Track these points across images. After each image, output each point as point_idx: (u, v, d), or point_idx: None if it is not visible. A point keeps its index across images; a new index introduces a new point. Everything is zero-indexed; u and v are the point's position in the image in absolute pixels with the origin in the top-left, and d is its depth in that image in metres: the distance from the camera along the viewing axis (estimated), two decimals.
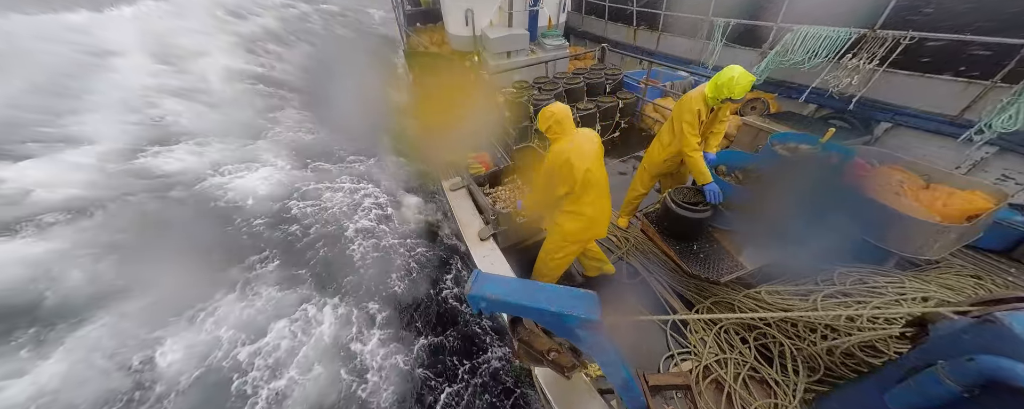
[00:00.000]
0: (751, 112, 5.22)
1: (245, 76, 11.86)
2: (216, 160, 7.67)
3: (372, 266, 5.53)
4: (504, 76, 5.61)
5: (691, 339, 2.83)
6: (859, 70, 4.34)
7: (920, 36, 3.94)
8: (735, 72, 2.82)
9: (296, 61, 14.21)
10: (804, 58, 4.78)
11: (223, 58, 12.61)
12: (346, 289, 5.11)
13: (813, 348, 2.48)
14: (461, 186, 4.09)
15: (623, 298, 3.36)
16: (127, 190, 6.52)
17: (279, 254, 5.59)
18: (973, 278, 2.84)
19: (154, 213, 6.16)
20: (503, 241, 3.48)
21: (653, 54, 7.26)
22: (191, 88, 10.54)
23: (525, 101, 5.00)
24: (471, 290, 1.52)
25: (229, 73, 11.73)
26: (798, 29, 4.83)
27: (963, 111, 3.86)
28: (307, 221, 6.25)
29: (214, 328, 4.45)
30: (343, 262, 5.53)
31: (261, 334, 4.42)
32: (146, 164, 7.36)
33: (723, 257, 3.17)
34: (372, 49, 15.49)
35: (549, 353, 1.65)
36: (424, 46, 7.63)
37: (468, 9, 6.39)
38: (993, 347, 1.15)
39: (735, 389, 2.45)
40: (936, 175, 2.98)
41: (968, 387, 1.19)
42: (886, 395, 1.49)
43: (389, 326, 4.65)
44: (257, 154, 8.07)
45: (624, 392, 1.72)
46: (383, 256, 5.67)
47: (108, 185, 6.59)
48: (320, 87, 12.18)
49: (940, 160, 4.03)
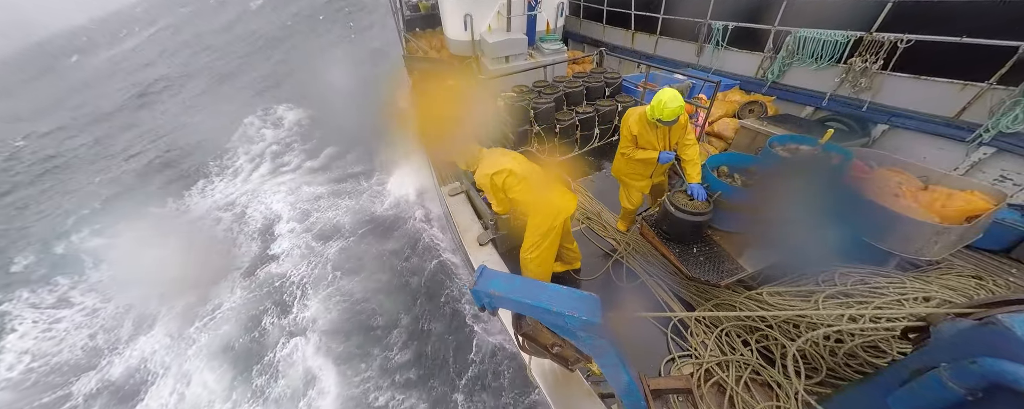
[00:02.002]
0: (749, 115, 5.23)
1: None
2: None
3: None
4: (503, 80, 5.62)
5: (692, 342, 2.82)
6: (862, 72, 4.36)
7: (917, 39, 3.96)
8: (665, 97, 2.88)
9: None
10: (809, 61, 4.82)
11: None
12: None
13: (815, 349, 2.47)
14: (460, 191, 4.09)
15: (623, 301, 3.34)
16: None
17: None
18: (974, 278, 2.83)
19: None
20: (501, 246, 3.48)
21: (651, 58, 7.28)
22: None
23: (524, 105, 5.01)
24: (476, 285, 1.52)
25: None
26: (796, 32, 4.86)
27: (960, 113, 3.87)
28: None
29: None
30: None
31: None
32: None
33: (724, 259, 3.17)
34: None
35: (553, 347, 1.67)
36: (423, 51, 7.66)
37: (467, 14, 6.42)
38: (996, 350, 1.14)
39: (737, 392, 2.44)
40: (934, 176, 2.99)
41: (971, 390, 1.18)
42: (889, 398, 1.47)
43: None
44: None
45: (625, 396, 1.71)
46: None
47: None
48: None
49: (938, 161, 4.04)
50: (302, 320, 5.83)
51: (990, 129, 3.63)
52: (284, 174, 10.32)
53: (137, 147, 14.01)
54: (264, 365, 5.35)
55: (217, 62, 22.11)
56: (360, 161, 10.08)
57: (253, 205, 9.10)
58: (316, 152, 11.08)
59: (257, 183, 10.08)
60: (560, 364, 1.75)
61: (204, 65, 22.20)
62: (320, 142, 11.47)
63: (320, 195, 8.92)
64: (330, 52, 19.12)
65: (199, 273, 7.02)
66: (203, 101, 17.20)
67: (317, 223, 7.95)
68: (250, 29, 26.17)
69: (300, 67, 17.93)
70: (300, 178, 9.99)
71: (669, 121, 2.94)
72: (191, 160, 12.06)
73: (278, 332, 5.75)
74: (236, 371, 5.35)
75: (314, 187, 9.31)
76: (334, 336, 5.46)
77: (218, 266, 7.19)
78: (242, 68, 20.19)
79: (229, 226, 8.56)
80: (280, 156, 11.36)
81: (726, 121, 5.15)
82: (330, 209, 8.39)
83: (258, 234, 8.09)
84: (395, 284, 6.11)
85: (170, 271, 7.00)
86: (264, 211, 8.77)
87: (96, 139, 15.76)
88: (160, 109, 17.48)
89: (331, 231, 7.66)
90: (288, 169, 10.61)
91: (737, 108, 5.34)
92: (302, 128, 12.78)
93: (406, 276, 6.18)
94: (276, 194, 9.25)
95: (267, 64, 19.79)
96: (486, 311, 1.62)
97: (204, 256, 7.71)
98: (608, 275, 3.58)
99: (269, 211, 8.71)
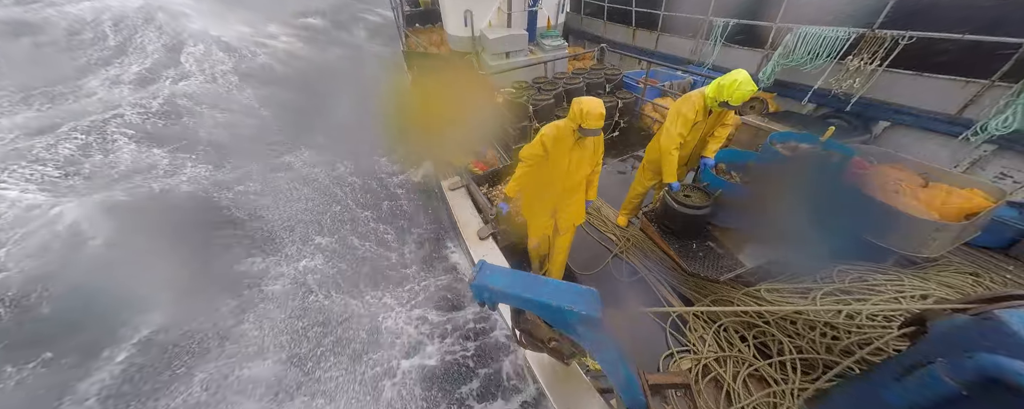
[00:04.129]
0: (750, 111, 5.22)
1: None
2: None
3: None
4: (503, 76, 5.60)
5: (690, 337, 2.83)
6: (861, 71, 4.35)
7: (918, 36, 3.95)
8: (740, 77, 2.68)
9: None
10: (807, 59, 4.80)
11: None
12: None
13: (812, 345, 2.48)
14: (460, 186, 4.09)
15: (623, 297, 3.36)
16: None
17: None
18: (972, 275, 2.84)
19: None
20: (502, 240, 3.48)
21: (652, 54, 7.26)
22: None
23: (524, 101, 5.00)
24: (475, 280, 1.53)
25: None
26: (797, 29, 4.84)
27: (961, 110, 3.87)
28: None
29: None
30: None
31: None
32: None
33: (723, 255, 3.18)
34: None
35: (549, 342, 1.69)
36: (423, 47, 7.63)
37: (467, 10, 6.39)
38: (992, 345, 1.15)
39: (734, 388, 2.45)
40: (934, 173, 2.99)
41: (967, 385, 1.19)
42: (885, 393, 1.48)
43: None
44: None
45: (623, 391, 1.72)
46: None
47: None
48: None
49: (938, 158, 4.04)
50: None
51: (979, 132, 3.63)
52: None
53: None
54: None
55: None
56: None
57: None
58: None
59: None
60: (557, 358, 1.78)
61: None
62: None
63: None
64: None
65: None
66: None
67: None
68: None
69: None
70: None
71: (737, 105, 2.76)
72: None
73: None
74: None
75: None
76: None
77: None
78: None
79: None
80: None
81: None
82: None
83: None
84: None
85: None
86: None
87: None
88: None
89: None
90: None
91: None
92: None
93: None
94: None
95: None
96: (486, 306, 1.63)
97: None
98: (607, 270, 3.59)
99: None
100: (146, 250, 4.98)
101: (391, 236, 5.55)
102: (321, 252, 5.18)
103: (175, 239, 5.26)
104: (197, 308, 4.36)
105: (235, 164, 6.94)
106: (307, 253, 5.15)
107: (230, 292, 4.57)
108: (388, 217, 5.92)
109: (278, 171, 6.89)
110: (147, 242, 5.13)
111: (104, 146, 7.02)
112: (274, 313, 4.36)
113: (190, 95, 8.98)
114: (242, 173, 6.69)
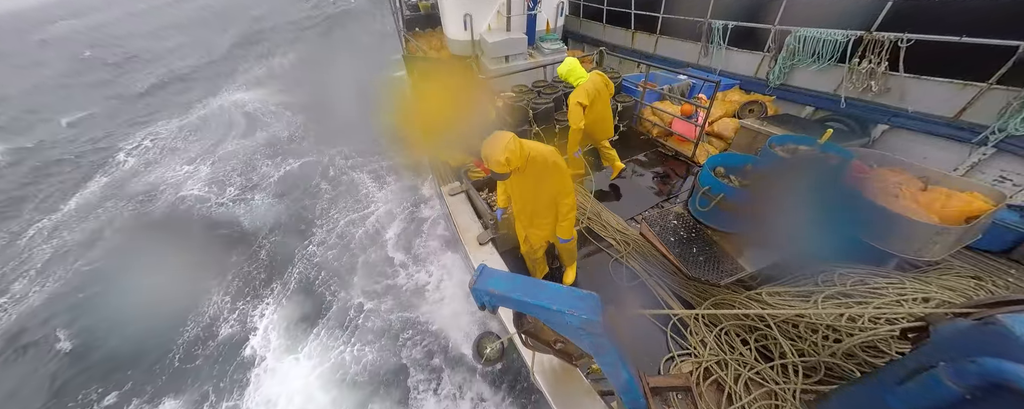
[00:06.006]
0: (749, 115, 5.23)
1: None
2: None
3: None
4: (503, 80, 5.61)
5: (691, 341, 2.82)
6: (875, 73, 4.35)
7: (917, 38, 3.96)
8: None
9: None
10: (810, 61, 4.82)
11: None
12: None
13: (814, 348, 2.47)
14: (460, 191, 4.08)
15: (623, 300, 3.35)
16: None
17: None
18: (974, 279, 2.83)
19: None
20: (502, 245, 3.48)
21: (651, 57, 7.28)
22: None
23: (524, 105, 5.01)
24: (475, 284, 1.52)
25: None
26: (797, 31, 4.86)
27: (960, 113, 3.87)
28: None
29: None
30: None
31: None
32: None
33: (723, 259, 3.17)
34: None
35: (556, 343, 1.68)
36: (423, 51, 7.65)
37: (466, 14, 6.42)
38: (995, 349, 1.15)
39: (736, 390, 2.44)
40: (934, 177, 2.99)
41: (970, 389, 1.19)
42: (888, 396, 1.48)
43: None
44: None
45: (624, 394, 1.71)
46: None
47: None
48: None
49: (938, 161, 4.04)
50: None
51: (997, 131, 3.62)
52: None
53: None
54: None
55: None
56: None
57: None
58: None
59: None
60: (564, 360, 1.77)
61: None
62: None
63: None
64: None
65: None
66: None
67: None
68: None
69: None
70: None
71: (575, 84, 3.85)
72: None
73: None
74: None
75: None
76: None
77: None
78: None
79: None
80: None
81: (726, 121, 5.15)
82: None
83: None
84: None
85: None
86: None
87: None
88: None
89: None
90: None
91: (737, 108, 5.34)
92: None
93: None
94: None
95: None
96: (486, 310, 1.62)
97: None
98: (608, 274, 3.58)
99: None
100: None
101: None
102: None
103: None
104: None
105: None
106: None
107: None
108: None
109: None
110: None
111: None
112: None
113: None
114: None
